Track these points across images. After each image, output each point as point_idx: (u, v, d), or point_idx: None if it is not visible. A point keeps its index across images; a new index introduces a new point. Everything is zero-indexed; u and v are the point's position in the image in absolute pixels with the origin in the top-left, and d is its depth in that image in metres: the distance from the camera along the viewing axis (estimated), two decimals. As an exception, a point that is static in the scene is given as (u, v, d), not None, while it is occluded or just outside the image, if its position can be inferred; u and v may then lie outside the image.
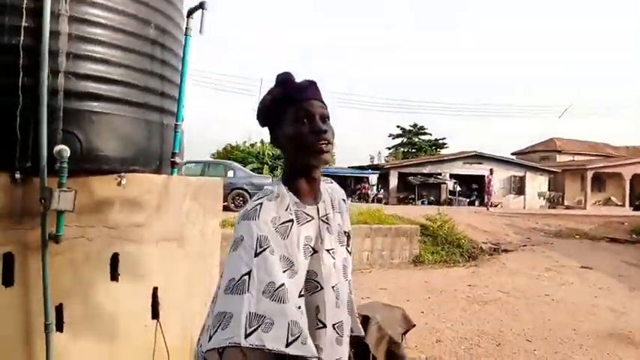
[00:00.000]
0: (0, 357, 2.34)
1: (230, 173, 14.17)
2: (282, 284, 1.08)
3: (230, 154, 30.29)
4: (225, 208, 11.82)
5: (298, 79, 1.30)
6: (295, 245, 1.18)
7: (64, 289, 2.43)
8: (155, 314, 2.75)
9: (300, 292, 1.17)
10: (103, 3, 2.56)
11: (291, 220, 1.19)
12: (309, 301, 1.21)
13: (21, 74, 2.31)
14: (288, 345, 1.04)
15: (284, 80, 1.29)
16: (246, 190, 13.32)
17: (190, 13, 3.10)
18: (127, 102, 2.68)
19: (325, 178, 1.44)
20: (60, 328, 2.42)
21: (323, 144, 1.21)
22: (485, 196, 20.98)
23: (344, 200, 1.45)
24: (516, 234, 14.03)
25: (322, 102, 1.27)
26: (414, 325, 4.79)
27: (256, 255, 1.08)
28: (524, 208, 25.21)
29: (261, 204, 1.16)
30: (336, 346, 1.27)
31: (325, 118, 1.25)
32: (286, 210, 1.20)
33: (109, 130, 2.62)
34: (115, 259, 2.59)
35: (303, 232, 1.22)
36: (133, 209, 2.68)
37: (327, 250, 1.27)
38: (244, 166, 21.01)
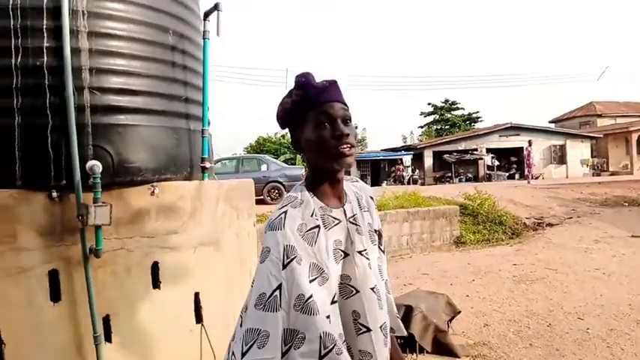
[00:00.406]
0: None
1: (263, 167, 14.33)
2: (312, 295, 1.08)
3: (262, 146, 30.59)
4: (261, 202, 11.94)
5: (318, 79, 1.25)
6: (324, 251, 1.16)
7: (109, 301, 2.49)
8: (199, 318, 2.79)
9: (334, 298, 1.15)
10: (119, 15, 2.57)
11: (318, 226, 1.17)
12: (345, 307, 1.19)
13: (48, 94, 2.35)
14: (321, 358, 1.05)
15: (303, 82, 1.24)
16: (280, 183, 13.42)
17: (206, 15, 3.08)
18: (152, 112, 2.69)
19: (350, 177, 1.39)
20: (108, 338, 2.49)
21: (346, 148, 1.17)
22: (526, 169, 20.35)
23: (372, 198, 1.41)
24: (560, 206, 13.53)
25: (343, 103, 1.23)
26: (460, 312, 4.70)
27: (284, 267, 1.08)
28: (566, 177, 24.39)
29: (285, 212, 1.15)
30: (384, 348, 1.25)
31: (347, 120, 1.20)
32: (312, 216, 1.17)
33: (138, 142, 2.63)
34: (155, 268, 2.64)
35: (332, 237, 1.20)
36: (168, 217, 2.70)
37: (360, 252, 1.24)
38: (277, 158, 21.18)
